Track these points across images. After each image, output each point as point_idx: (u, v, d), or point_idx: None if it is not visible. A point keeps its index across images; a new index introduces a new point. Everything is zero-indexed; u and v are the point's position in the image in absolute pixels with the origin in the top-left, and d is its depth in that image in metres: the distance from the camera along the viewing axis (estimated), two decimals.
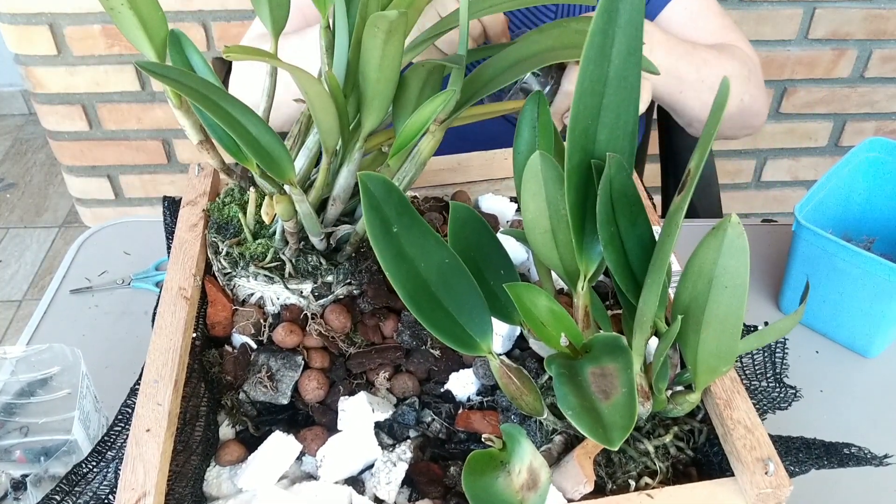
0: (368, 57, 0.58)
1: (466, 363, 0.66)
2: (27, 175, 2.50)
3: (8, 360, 0.72)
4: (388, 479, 0.59)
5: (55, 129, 1.85)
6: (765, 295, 0.92)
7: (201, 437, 0.60)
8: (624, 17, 0.51)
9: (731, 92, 0.91)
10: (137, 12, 0.58)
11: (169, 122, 1.83)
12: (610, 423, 0.47)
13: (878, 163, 0.92)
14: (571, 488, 0.54)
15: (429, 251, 0.54)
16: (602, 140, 0.54)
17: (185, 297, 0.65)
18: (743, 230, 0.46)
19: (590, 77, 0.52)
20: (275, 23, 0.65)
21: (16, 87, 2.69)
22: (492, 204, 0.80)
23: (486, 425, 0.62)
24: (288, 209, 0.61)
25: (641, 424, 0.57)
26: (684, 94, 0.94)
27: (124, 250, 0.98)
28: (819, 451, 0.60)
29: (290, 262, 0.67)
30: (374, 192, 0.54)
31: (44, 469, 0.65)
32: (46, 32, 1.68)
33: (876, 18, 1.72)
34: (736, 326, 0.49)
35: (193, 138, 0.65)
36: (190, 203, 0.74)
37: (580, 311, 0.57)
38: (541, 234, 0.56)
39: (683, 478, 0.57)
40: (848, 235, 0.94)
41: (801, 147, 1.95)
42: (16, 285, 2.15)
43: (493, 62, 0.69)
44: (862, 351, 0.85)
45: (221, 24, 1.69)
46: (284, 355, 0.66)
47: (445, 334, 0.53)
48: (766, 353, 0.69)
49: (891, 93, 1.86)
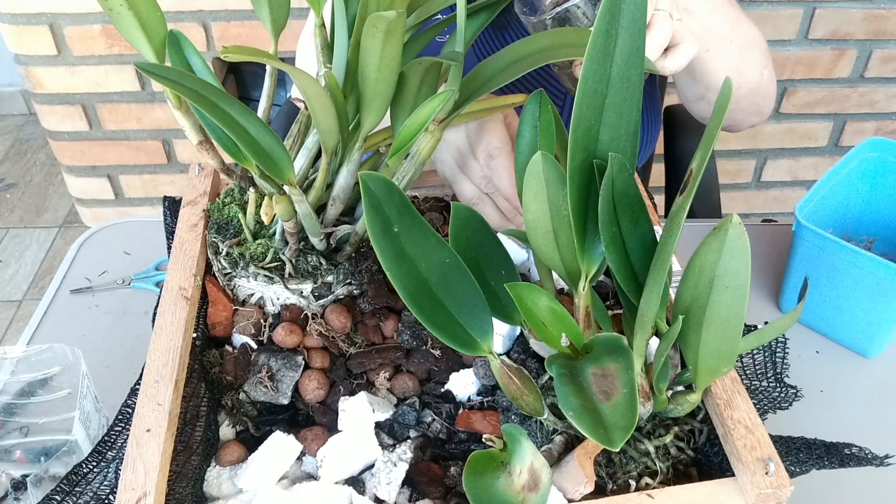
0: (368, 57, 0.58)
1: (467, 363, 0.66)
2: (27, 175, 2.50)
3: (8, 360, 0.72)
4: (389, 479, 0.59)
5: (55, 129, 1.85)
6: (765, 295, 0.92)
7: (202, 437, 0.60)
8: (627, 17, 0.51)
9: (753, 63, 0.87)
10: (136, 13, 0.58)
11: (169, 123, 1.83)
12: (611, 423, 0.47)
13: (878, 162, 0.92)
14: (572, 488, 0.54)
15: (429, 251, 0.54)
16: (604, 140, 0.54)
17: (186, 297, 0.65)
18: (744, 230, 0.46)
19: (592, 77, 0.52)
20: (275, 23, 0.65)
21: (16, 87, 2.69)
22: None
23: (487, 425, 0.62)
24: (287, 209, 0.61)
25: (642, 424, 0.57)
26: (710, 54, 0.81)
27: (124, 250, 0.98)
28: (819, 452, 0.60)
29: (290, 262, 0.67)
30: (375, 191, 0.54)
31: (44, 469, 0.65)
32: (46, 32, 1.68)
33: (876, 18, 1.72)
34: (737, 327, 0.49)
35: (193, 139, 0.65)
36: (190, 203, 0.74)
37: (581, 312, 0.57)
38: (542, 235, 0.56)
39: (684, 478, 0.57)
40: (848, 235, 0.94)
41: (801, 147, 1.95)
42: (16, 285, 2.15)
43: (492, 61, 0.68)
44: (862, 351, 0.85)
45: (221, 24, 1.69)
46: (285, 355, 0.66)
47: (446, 334, 0.53)
48: (766, 353, 0.69)
49: (891, 93, 1.86)
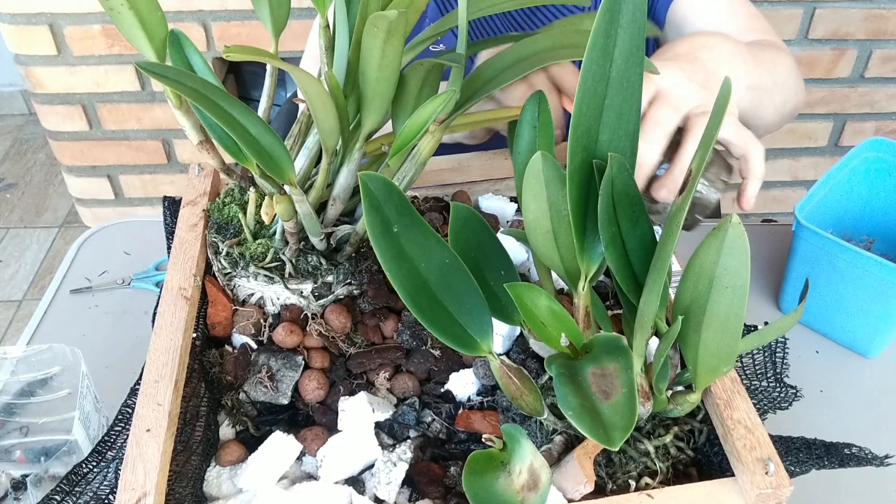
0: (368, 57, 0.58)
1: (466, 363, 0.66)
2: (27, 175, 2.50)
3: (8, 360, 0.72)
4: (389, 479, 0.59)
5: (55, 129, 1.85)
6: (765, 295, 0.92)
7: (201, 437, 0.60)
8: (626, 17, 0.51)
9: (793, 87, 0.89)
10: (137, 12, 0.58)
11: (169, 122, 1.83)
12: (610, 423, 0.47)
13: (877, 163, 0.92)
14: (572, 488, 0.54)
15: (429, 251, 0.54)
16: (604, 140, 0.54)
17: (186, 297, 0.65)
18: (744, 231, 0.46)
19: (592, 77, 0.52)
20: (275, 22, 0.65)
21: (16, 87, 2.69)
22: (492, 204, 0.80)
23: (487, 425, 0.62)
24: (288, 209, 0.61)
25: (642, 424, 0.57)
26: (763, 103, 0.83)
27: (124, 250, 0.98)
28: (819, 452, 0.60)
29: (290, 262, 0.67)
30: (375, 192, 0.54)
31: (44, 469, 0.65)
32: (46, 32, 1.68)
33: (876, 18, 1.72)
34: (737, 327, 0.49)
35: (193, 138, 0.65)
36: (190, 203, 0.74)
37: (581, 312, 0.57)
38: (542, 235, 0.56)
39: (684, 478, 0.57)
40: (848, 235, 0.94)
41: (801, 147, 1.95)
42: (16, 285, 2.15)
43: (493, 62, 0.69)
44: (862, 351, 0.85)
45: (221, 24, 1.69)
46: (285, 355, 0.66)
47: (446, 334, 0.53)
48: (766, 353, 0.69)
49: (891, 93, 1.86)
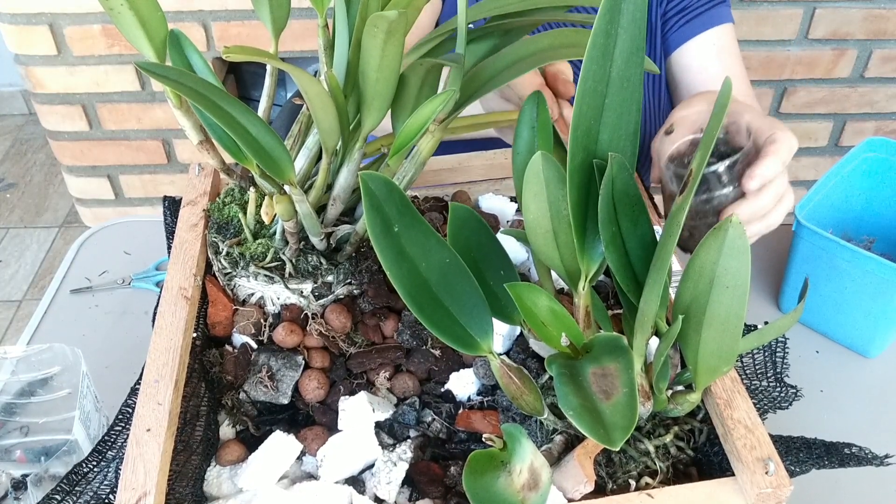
0: (368, 57, 0.58)
1: (467, 363, 0.66)
2: (27, 175, 2.50)
3: (8, 360, 0.72)
4: (389, 478, 0.59)
5: (55, 129, 1.85)
6: (765, 295, 0.92)
7: (202, 436, 0.60)
8: (626, 17, 0.51)
9: None
10: (137, 12, 0.58)
11: (169, 122, 1.83)
12: (611, 423, 0.47)
13: (877, 163, 0.92)
14: (572, 488, 0.54)
15: (430, 251, 0.54)
16: (604, 140, 0.54)
17: (186, 296, 0.65)
18: (744, 231, 0.46)
19: (592, 77, 0.52)
20: (275, 23, 0.65)
21: (16, 87, 2.69)
22: (492, 204, 0.80)
23: (487, 425, 0.62)
24: (288, 209, 0.61)
25: (642, 424, 0.57)
26: None
27: (124, 250, 0.98)
28: (819, 451, 0.60)
29: (290, 262, 0.67)
30: (376, 191, 0.54)
31: (44, 469, 0.65)
32: (46, 32, 1.68)
33: (876, 18, 1.72)
34: (737, 326, 0.49)
35: (193, 138, 0.65)
36: (190, 203, 0.74)
37: (581, 311, 0.57)
38: (542, 235, 0.56)
39: (684, 477, 0.57)
40: (848, 235, 0.94)
41: (801, 147, 1.93)
42: (16, 285, 2.15)
43: (492, 61, 0.68)
44: (862, 351, 0.85)
45: (221, 24, 1.69)
46: (285, 355, 0.66)
47: (446, 334, 0.53)
48: (766, 353, 0.69)
49: (891, 93, 1.86)
